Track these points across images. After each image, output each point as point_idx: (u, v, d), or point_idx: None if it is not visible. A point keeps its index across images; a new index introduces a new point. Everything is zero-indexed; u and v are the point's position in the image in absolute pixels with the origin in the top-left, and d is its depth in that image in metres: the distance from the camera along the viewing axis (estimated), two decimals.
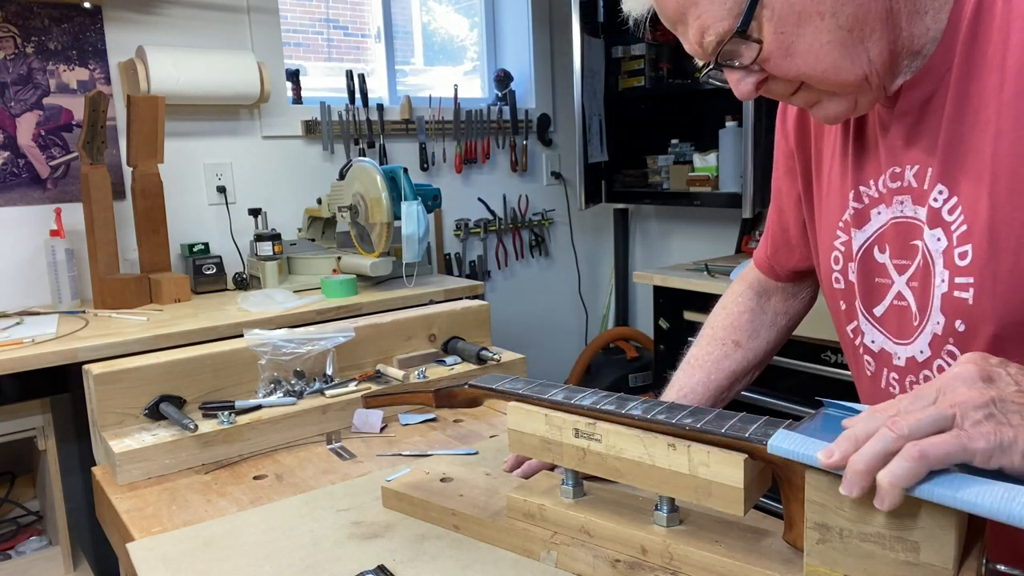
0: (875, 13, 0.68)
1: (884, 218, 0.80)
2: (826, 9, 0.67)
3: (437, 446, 1.19)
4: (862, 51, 0.69)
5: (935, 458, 0.53)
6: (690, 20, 0.71)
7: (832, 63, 0.69)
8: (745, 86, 0.74)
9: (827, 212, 0.88)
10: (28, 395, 1.86)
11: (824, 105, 0.74)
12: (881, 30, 0.69)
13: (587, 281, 3.85)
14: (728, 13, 0.68)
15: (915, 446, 0.54)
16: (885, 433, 0.55)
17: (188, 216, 2.65)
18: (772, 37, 0.69)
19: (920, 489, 0.54)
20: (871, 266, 0.82)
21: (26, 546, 2.09)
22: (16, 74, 2.34)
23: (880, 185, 0.80)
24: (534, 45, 3.53)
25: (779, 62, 0.70)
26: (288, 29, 3.01)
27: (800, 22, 0.68)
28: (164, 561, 0.85)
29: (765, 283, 1.10)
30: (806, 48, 0.69)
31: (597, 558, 0.76)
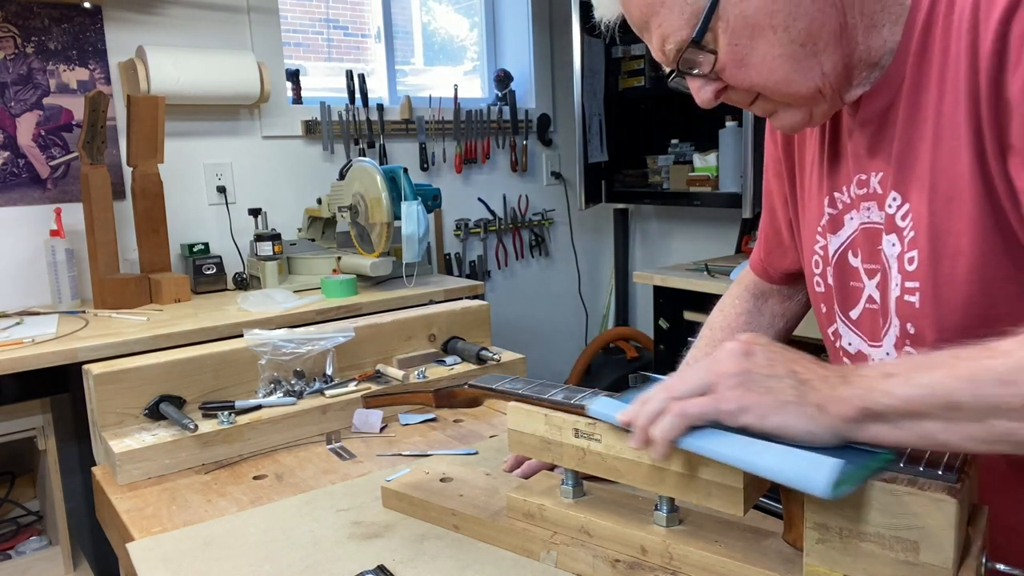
0: (828, 28, 0.70)
1: (855, 224, 0.82)
2: (779, 23, 0.69)
3: (437, 446, 1.19)
4: (815, 64, 0.71)
5: (693, 415, 0.65)
6: (653, 28, 0.74)
7: (784, 75, 0.71)
8: (705, 94, 0.76)
9: (808, 217, 0.90)
10: (28, 395, 1.86)
11: (780, 115, 0.77)
12: (835, 44, 0.71)
13: (587, 281, 3.85)
14: (686, 23, 0.71)
15: (678, 404, 0.66)
16: (660, 395, 0.68)
17: (188, 216, 2.65)
18: (726, 48, 0.71)
19: (683, 441, 0.66)
20: (846, 270, 0.84)
21: (26, 546, 2.09)
22: (16, 74, 2.34)
23: (851, 192, 0.82)
24: (534, 45, 3.53)
25: (734, 72, 0.73)
26: (288, 29, 3.01)
27: (753, 35, 0.70)
28: (164, 561, 0.85)
29: (761, 286, 1.11)
30: (759, 60, 0.71)
31: (597, 558, 0.76)
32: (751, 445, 0.63)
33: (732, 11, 0.70)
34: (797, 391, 0.63)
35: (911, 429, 0.60)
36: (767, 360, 0.65)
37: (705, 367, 0.67)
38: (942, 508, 0.56)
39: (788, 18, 0.69)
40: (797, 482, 0.59)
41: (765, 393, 0.63)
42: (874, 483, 0.59)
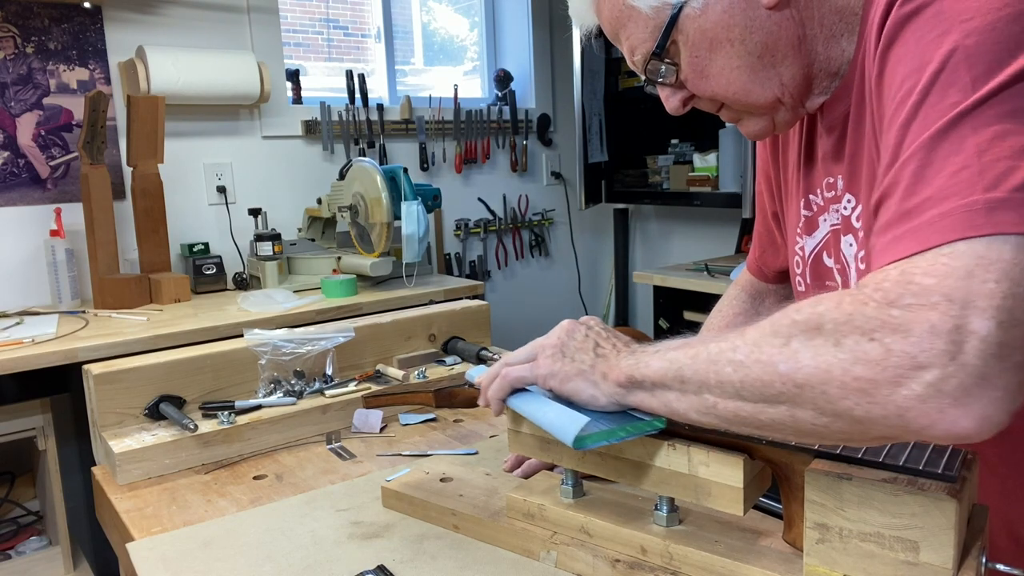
0: (785, 40, 0.73)
1: (827, 225, 0.84)
2: (735, 36, 0.72)
3: (437, 446, 1.19)
4: (773, 75, 0.74)
5: (513, 378, 0.78)
6: (622, 39, 0.79)
7: (742, 86, 0.75)
8: (673, 102, 0.81)
9: (790, 218, 0.93)
10: (28, 395, 1.86)
11: (745, 123, 0.81)
12: (793, 56, 0.74)
13: (587, 281, 3.85)
14: (650, 36, 0.75)
15: (506, 369, 0.79)
16: (499, 363, 0.81)
17: (188, 216, 2.65)
18: (687, 60, 0.75)
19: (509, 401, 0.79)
20: (821, 271, 0.86)
21: (26, 546, 2.10)
22: (16, 74, 2.34)
23: (823, 195, 0.84)
24: (534, 45, 3.53)
25: (695, 83, 0.77)
26: (288, 29, 3.01)
27: (712, 48, 0.74)
28: (164, 561, 0.85)
29: (758, 285, 1.13)
30: (718, 72, 0.75)
31: (597, 558, 0.76)
32: (543, 404, 0.74)
33: (691, 25, 0.73)
34: (592, 363, 0.73)
35: (660, 397, 0.67)
36: (583, 336, 0.76)
37: (537, 341, 0.78)
38: (942, 508, 0.56)
39: (744, 32, 0.72)
40: (557, 434, 0.71)
41: (569, 363, 0.74)
42: (874, 483, 0.59)
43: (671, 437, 0.72)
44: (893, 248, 0.56)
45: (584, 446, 0.68)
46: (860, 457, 0.62)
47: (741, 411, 0.60)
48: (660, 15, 0.74)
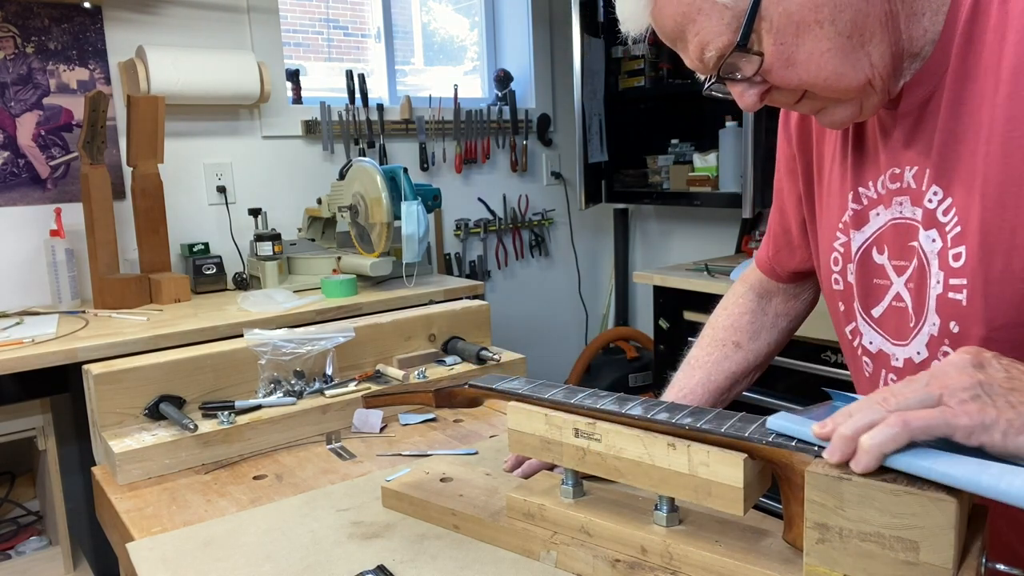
0: (874, 17, 0.68)
1: (883, 219, 0.80)
2: (824, 17, 0.67)
3: (437, 446, 1.19)
4: (863, 56, 0.69)
5: (917, 428, 0.56)
6: (689, 37, 0.72)
7: (834, 70, 0.69)
8: (749, 98, 0.74)
9: (827, 214, 0.89)
10: (28, 395, 1.86)
11: (829, 111, 0.75)
12: (881, 33, 0.69)
13: (587, 281, 3.85)
14: (727, 28, 0.69)
15: (899, 415, 0.57)
16: (875, 407, 0.59)
17: (188, 216, 2.65)
18: (772, 48, 0.69)
19: (897, 459, 0.57)
20: (870, 267, 0.83)
21: (26, 546, 2.09)
22: (16, 74, 2.34)
23: (879, 186, 0.80)
24: (534, 45, 3.53)
25: (781, 73, 0.70)
26: (288, 29, 3.01)
27: (799, 32, 0.68)
28: (164, 561, 0.86)
29: (766, 284, 1.10)
30: (806, 57, 0.69)
31: (597, 558, 0.76)
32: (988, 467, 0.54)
33: (775, 10, 0.68)
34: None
35: None
36: (1005, 373, 0.59)
37: (927, 377, 0.60)
38: (942, 508, 0.56)
39: (834, 11, 0.67)
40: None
41: (1008, 410, 0.56)
42: (874, 483, 0.59)
43: (672, 437, 0.72)
44: None
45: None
46: None
47: None
48: (740, 3, 0.68)
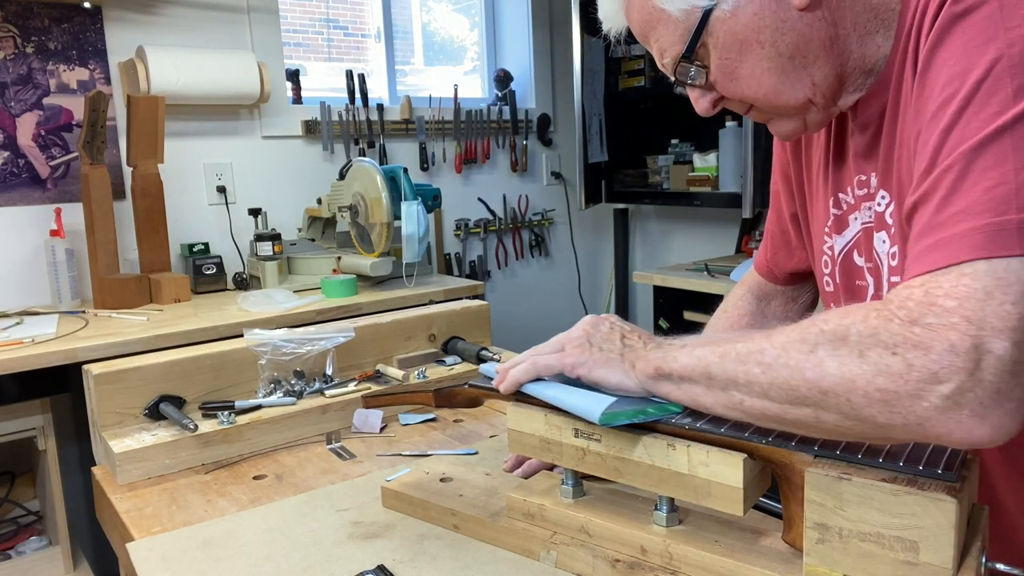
0: (817, 41, 0.72)
1: (859, 224, 0.84)
2: (766, 39, 0.72)
3: (437, 446, 1.19)
4: (804, 76, 0.74)
5: (541, 365, 0.80)
6: (652, 42, 0.79)
7: (772, 87, 0.74)
8: (703, 103, 0.81)
9: (816, 218, 0.92)
10: (28, 395, 1.86)
11: (776, 123, 0.81)
12: (825, 56, 0.73)
13: (587, 281, 3.85)
14: (679, 38, 0.75)
15: (533, 358, 0.81)
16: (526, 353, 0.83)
17: (188, 216, 2.65)
18: (717, 63, 0.75)
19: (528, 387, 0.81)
20: (851, 269, 0.87)
21: (26, 546, 2.09)
22: (16, 74, 2.34)
23: (854, 193, 0.84)
24: (534, 45, 3.53)
25: (725, 85, 0.77)
26: (288, 29, 3.01)
27: (742, 50, 0.73)
28: (164, 561, 0.86)
29: (765, 287, 1.11)
30: (748, 73, 0.75)
31: (597, 558, 0.76)
32: (566, 389, 0.78)
33: (721, 28, 0.73)
34: (620, 352, 0.77)
35: (686, 390, 0.71)
36: (608, 330, 0.80)
37: (564, 334, 0.82)
38: (942, 508, 0.56)
39: (775, 33, 0.72)
40: (583, 413, 0.74)
41: (597, 352, 0.78)
42: (874, 483, 0.59)
43: (671, 437, 0.72)
44: (923, 259, 0.59)
45: (611, 423, 0.72)
46: (860, 457, 0.62)
47: (768, 410, 0.64)
48: (690, 18, 0.74)
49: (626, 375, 0.76)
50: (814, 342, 0.61)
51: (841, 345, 0.59)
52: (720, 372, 0.67)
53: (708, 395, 0.69)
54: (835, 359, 0.59)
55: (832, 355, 0.59)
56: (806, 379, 0.60)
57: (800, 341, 0.62)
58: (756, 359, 0.64)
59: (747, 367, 0.65)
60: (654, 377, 0.73)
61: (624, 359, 0.76)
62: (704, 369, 0.68)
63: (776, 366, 0.62)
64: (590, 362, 0.77)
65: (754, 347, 0.65)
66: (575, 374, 0.78)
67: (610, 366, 0.77)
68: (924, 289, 0.57)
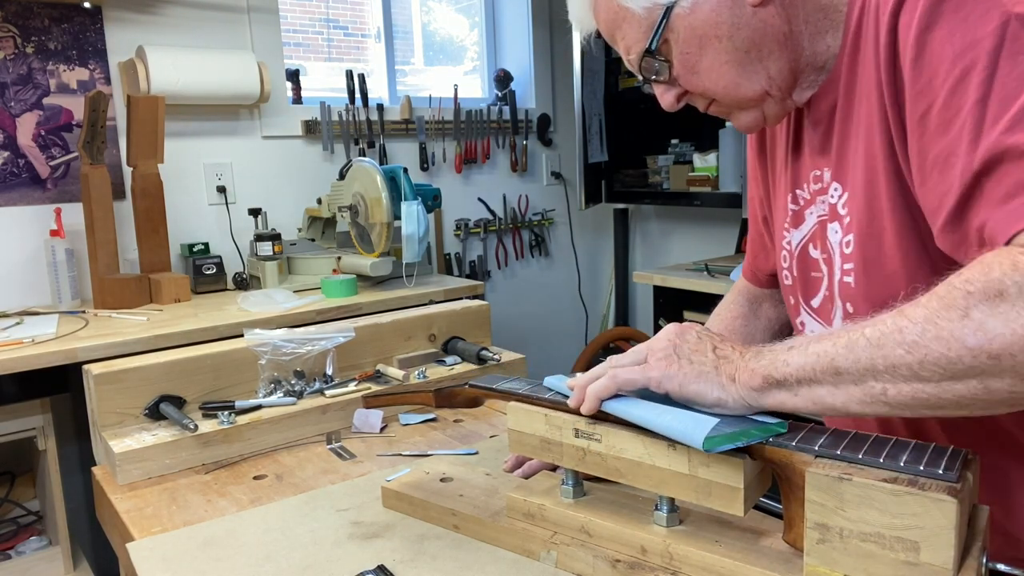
0: (771, 36, 0.76)
1: (814, 217, 0.87)
2: (723, 33, 0.76)
3: (437, 446, 1.19)
4: (760, 69, 0.78)
5: (622, 379, 0.74)
6: (618, 40, 0.82)
7: (731, 80, 0.78)
8: (667, 98, 0.84)
9: (778, 214, 0.95)
10: (28, 395, 1.86)
11: (736, 116, 0.84)
12: (779, 51, 0.77)
13: (587, 281, 3.85)
14: (643, 35, 0.79)
15: (612, 371, 0.75)
16: (604, 365, 0.77)
17: (188, 216, 2.65)
18: (678, 57, 0.79)
19: (607, 404, 0.75)
20: (807, 262, 0.89)
21: (26, 546, 2.09)
22: (16, 74, 2.34)
23: (809, 188, 0.87)
24: (534, 45, 3.53)
25: (687, 79, 0.80)
26: (288, 29, 3.01)
27: (701, 44, 0.77)
28: (164, 561, 0.86)
29: (754, 291, 1.13)
30: (707, 67, 0.78)
31: (597, 558, 0.76)
32: (656, 408, 0.72)
33: (681, 24, 0.76)
34: (715, 364, 0.72)
35: (806, 395, 0.66)
36: (696, 340, 0.74)
37: (645, 344, 0.77)
38: (942, 508, 0.56)
39: (732, 28, 0.75)
40: (681, 437, 0.68)
41: (687, 365, 0.72)
42: (874, 483, 0.59)
43: None
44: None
45: (715, 448, 0.66)
46: (860, 457, 0.62)
47: (921, 393, 0.60)
48: (652, 15, 0.77)
49: (724, 390, 0.70)
50: (965, 305, 0.56)
51: (1000, 301, 0.55)
52: (851, 364, 0.62)
53: (837, 393, 0.64)
54: (998, 317, 0.55)
55: (993, 314, 0.55)
56: (968, 347, 0.56)
57: (946, 308, 0.57)
58: (896, 340, 0.59)
59: (886, 351, 0.60)
60: (761, 388, 0.68)
61: (720, 372, 0.71)
62: (828, 365, 0.63)
63: (924, 342, 0.58)
64: (680, 376, 0.71)
65: (889, 328, 0.60)
66: (663, 389, 0.72)
67: (705, 380, 0.71)
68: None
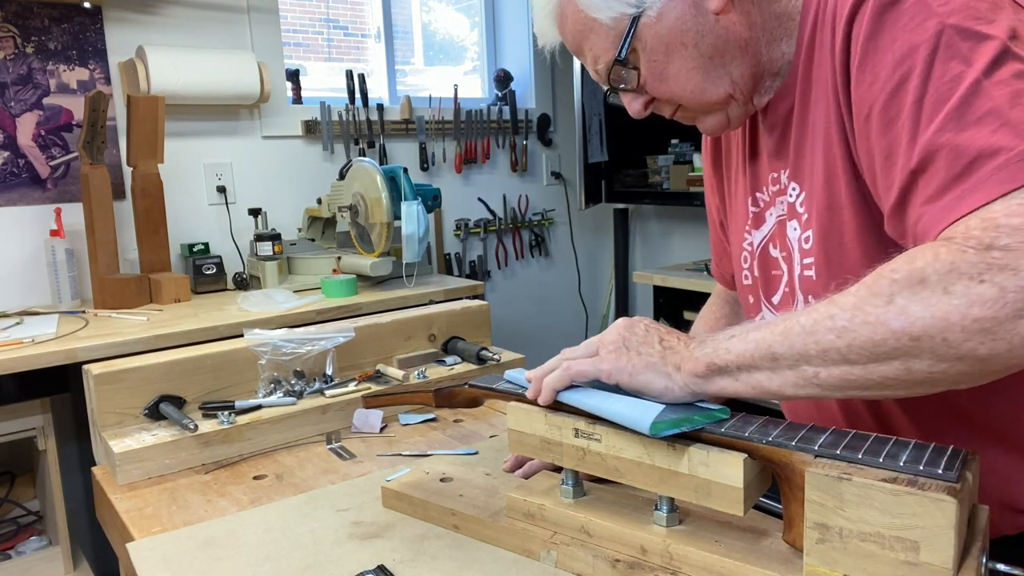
0: (733, 43, 0.80)
1: (774, 218, 0.89)
2: (689, 41, 0.79)
3: (437, 446, 1.19)
4: (724, 74, 0.81)
5: (575, 371, 0.78)
6: (585, 51, 0.85)
7: (697, 85, 0.81)
8: (635, 106, 0.87)
9: (736, 218, 0.98)
10: (28, 395, 1.86)
11: (701, 120, 0.87)
12: (741, 56, 0.80)
13: (587, 281, 3.85)
14: (612, 45, 0.81)
15: (566, 363, 0.79)
16: (558, 358, 0.81)
17: (188, 216, 2.65)
18: (646, 65, 0.81)
19: (563, 395, 0.78)
20: (767, 261, 0.91)
21: (26, 546, 2.09)
22: (16, 74, 2.34)
23: (767, 191, 0.90)
24: (534, 45, 3.51)
25: (655, 85, 0.83)
26: (288, 29, 3.01)
27: (668, 52, 0.80)
28: (164, 561, 0.86)
29: (731, 293, 1.16)
30: (675, 73, 0.81)
31: (597, 558, 0.76)
32: (608, 398, 0.75)
33: (648, 32, 0.79)
34: (661, 355, 0.75)
35: (746, 380, 0.70)
36: (644, 332, 0.78)
37: (597, 337, 0.79)
38: (942, 508, 0.56)
39: (697, 36, 0.79)
40: (630, 423, 0.72)
41: (636, 356, 0.75)
42: (874, 483, 0.59)
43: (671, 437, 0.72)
44: (956, 207, 0.61)
45: (660, 432, 0.70)
46: (860, 457, 0.62)
47: (849, 375, 0.63)
48: (619, 24, 0.80)
49: (670, 379, 0.74)
50: (889, 292, 0.60)
51: (921, 288, 0.59)
52: (786, 349, 0.66)
53: (774, 378, 0.67)
54: (919, 303, 0.59)
55: (914, 299, 0.59)
56: (892, 330, 0.60)
57: (873, 295, 0.61)
58: (827, 326, 0.63)
59: (817, 336, 0.64)
60: (705, 375, 0.72)
61: (666, 362, 0.74)
62: (766, 351, 0.67)
63: (853, 327, 0.62)
64: (629, 368, 0.75)
65: (821, 315, 0.64)
66: (613, 380, 0.76)
67: (653, 370, 0.74)
68: (979, 219, 0.58)
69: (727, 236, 1.06)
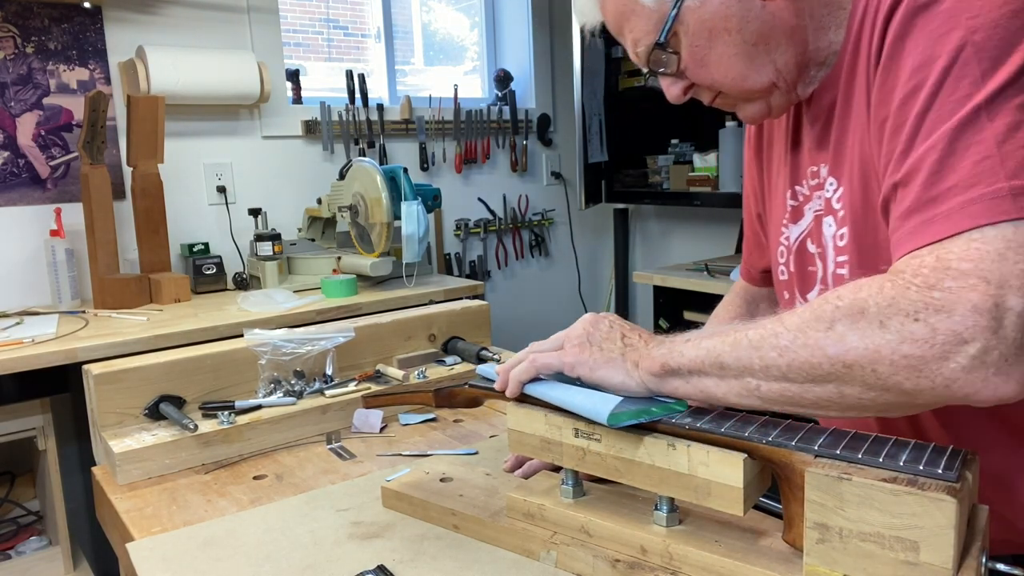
0: (780, 29, 0.78)
1: (812, 213, 0.88)
2: (732, 26, 0.77)
3: (437, 446, 1.19)
4: (768, 61, 0.79)
5: (540, 364, 0.80)
6: (626, 33, 0.83)
7: (739, 72, 0.79)
8: (674, 91, 0.85)
9: (775, 210, 0.96)
10: (28, 395, 1.86)
11: (742, 108, 0.85)
12: (787, 44, 0.79)
13: (587, 281, 3.85)
14: (653, 28, 0.80)
15: (532, 356, 0.81)
16: (525, 351, 0.84)
17: (188, 216, 2.65)
18: (688, 50, 0.80)
19: (529, 387, 0.81)
20: (804, 256, 0.90)
21: (26, 546, 2.09)
22: (16, 74, 2.34)
23: (806, 184, 0.88)
24: (534, 45, 3.53)
25: (696, 71, 0.81)
26: (288, 29, 3.01)
27: (711, 37, 0.78)
28: (164, 561, 0.86)
29: (752, 291, 1.15)
30: (716, 59, 0.79)
31: (597, 558, 0.76)
32: (570, 390, 0.78)
33: (691, 17, 0.77)
34: (621, 352, 0.78)
35: (695, 384, 0.72)
36: (608, 328, 0.81)
37: (564, 332, 0.82)
38: (942, 508, 0.56)
39: (741, 21, 0.77)
40: (589, 414, 0.74)
41: (598, 352, 0.78)
42: (874, 483, 0.59)
43: (672, 437, 0.72)
44: (922, 232, 0.62)
45: (618, 423, 0.72)
46: (860, 457, 0.62)
47: (786, 392, 0.66)
48: (663, 7, 0.78)
49: (628, 375, 0.76)
50: (831, 319, 0.62)
51: (860, 318, 0.60)
52: (733, 360, 0.68)
53: (721, 385, 0.70)
54: (856, 332, 0.60)
55: (852, 329, 0.61)
56: (828, 356, 0.62)
57: (816, 320, 0.63)
58: (771, 343, 0.65)
59: (762, 352, 0.66)
60: (660, 374, 0.74)
61: (626, 358, 0.77)
62: (715, 360, 0.69)
63: (794, 347, 0.64)
64: (590, 362, 0.78)
65: (767, 332, 0.66)
66: (575, 374, 0.79)
67: (612, 366, 0.77)
68: (935, 256, 0.59)
69: (764, 229, 1.05)
